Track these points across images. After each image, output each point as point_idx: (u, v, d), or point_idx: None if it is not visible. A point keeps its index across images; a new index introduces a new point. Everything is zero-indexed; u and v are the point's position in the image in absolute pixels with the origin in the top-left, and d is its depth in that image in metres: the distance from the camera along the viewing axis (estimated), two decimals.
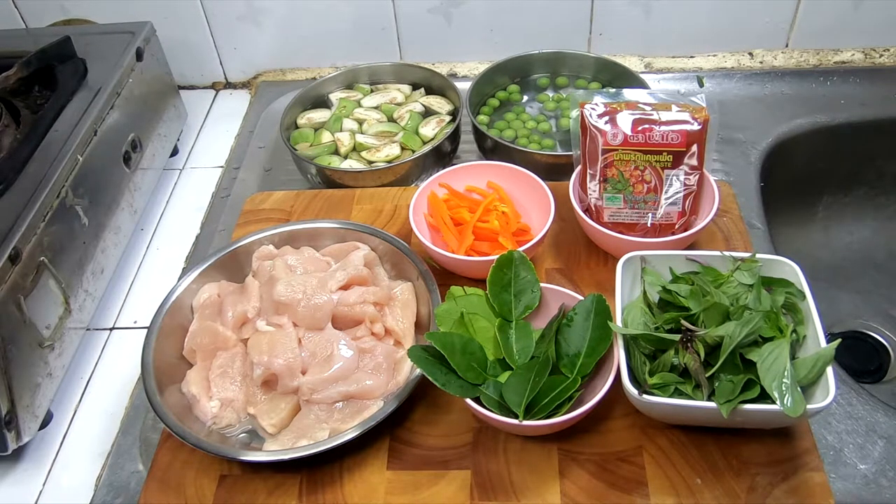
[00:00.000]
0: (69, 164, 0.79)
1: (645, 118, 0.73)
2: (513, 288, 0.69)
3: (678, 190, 0.74)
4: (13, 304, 0.69)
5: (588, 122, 0.75)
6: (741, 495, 0.61)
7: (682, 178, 0.74)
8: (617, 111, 0.74)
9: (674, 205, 0.74)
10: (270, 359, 0.68)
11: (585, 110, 0.75)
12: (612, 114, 0.74)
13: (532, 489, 0.63)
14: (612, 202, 0.75)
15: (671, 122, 0.73)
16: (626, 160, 0.73)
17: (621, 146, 0.73)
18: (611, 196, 0.75)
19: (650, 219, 0.75)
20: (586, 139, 0.75)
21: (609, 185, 0.74)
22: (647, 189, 0.74)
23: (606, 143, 0.73)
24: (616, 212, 0.76)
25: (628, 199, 0.74)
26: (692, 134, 0.72)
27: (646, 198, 0.74)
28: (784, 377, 0.57)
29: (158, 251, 0.95)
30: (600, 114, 0.74)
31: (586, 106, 0.76)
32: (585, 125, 0.75)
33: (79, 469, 0.73)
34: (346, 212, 0.89)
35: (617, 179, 0.74)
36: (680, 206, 0.75)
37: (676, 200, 0.74)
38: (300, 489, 0.65)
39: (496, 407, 0.62)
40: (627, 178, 0.73)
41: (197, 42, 1.15)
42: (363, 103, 1.05)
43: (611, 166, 0.74)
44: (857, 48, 1.08)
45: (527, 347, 0.67)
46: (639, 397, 0.59)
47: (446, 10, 1.09)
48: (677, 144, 0.72)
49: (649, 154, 0.73)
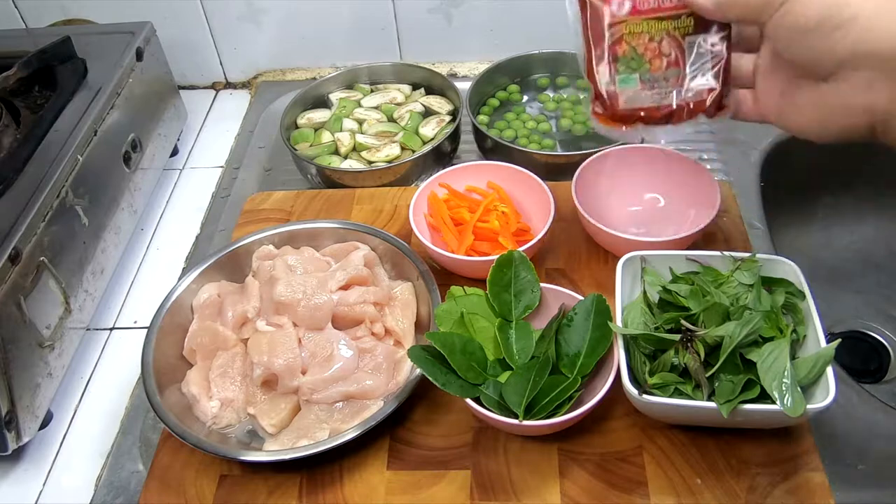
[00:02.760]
0: (69, 164, 0.79)
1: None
2: (513, 288, 0.69)
3: (705, 59, 0.61)
4: (13, 304, 0.69)
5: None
6: (741, 495, 0.61)
7: (709, 45, 0.61)
8: None
9: (702, 78, 0.62)
10: (270, 359, 0.68)
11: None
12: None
13: (532, 489, 0.63)
14: (627, 84, 0.62)
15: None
16: (637, 32, 0.60)
17: (629, 16, 0.60)
18: (624, 77, 0.62)
19: (674, 98, 0.63)
20: (586, 15, 0.62)
21: (621, 64, 0.62)
22: (668, 63, 0.61)
23: (612, 16, 0.61)
24: (633, 96, 0.62)
25: (645, 78, 0.62)
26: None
27: (666, 74, 0.61)
28: (784, 377, 0.57)
29: (158, 251, 0.95)
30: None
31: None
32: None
33: (79, 469, 0.73)
34: (346, 212, 0.89)
35: (629, 56, 0.61)
36: (710, 81, 0.62)
37: (704, 72, 0.62)
38: (300, 489, 0.65)
39: (496, 407, 0.62)
40: (642, 53, 0.61)
41: (197, 42, 1.15)
42: (363, 103, 1.05)
43: (620, 42, 0.61)
44: None
45: (527, 347, 0.67)
46: (639, 397, 0.59)
47: (446, 10, 1.09)
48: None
49: (664, 20, 0.60)
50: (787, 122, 0.57)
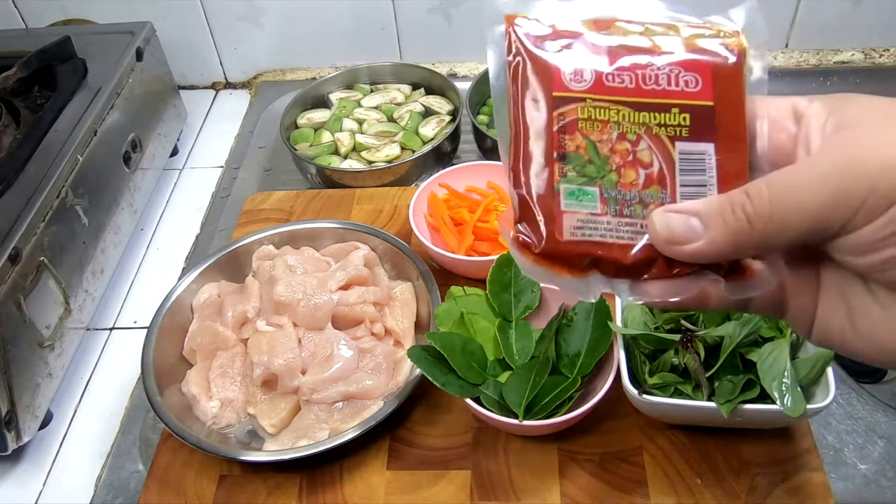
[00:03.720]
0: (69, 164, 0.79)
1: (632, 47, 0.37)
2: (513, 288, 0.69)
3: (709, 182, 0.36)
4: (13, 304, 0.69)
5: (521, 46, 0.37)
6: (741, 495, 0.61)
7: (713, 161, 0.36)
8: (577, 33, 0.37)
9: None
10: (270, 359, 0.68)
11: (516, 29, 0.37)
12: (567, 37, 0.37)
13: (532, 489, 0.63)
14: (578, 200, 0.36)
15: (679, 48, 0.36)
16: (600, 121, 0.36)
17: (590, 91, 0.36)
18: (575, 189, 0.36)
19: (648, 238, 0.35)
20: (520, 79, 0.37)
21: (570, 165, 0.36)
22: (646, 179, 0.36)
23: (561, 87, 0.36)
24: (586, 221, 0.36)
25: (609, 196, 0.36)
26: (723, 73, 0.36)
27: (643, 195, 0.36)
28: (784, 377, 0.57)
29: (158, 251, 0.95)
30: (542, 36, 0.37)
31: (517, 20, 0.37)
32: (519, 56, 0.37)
33: (79, 469, 0.73)
34: (346, 212, 0.89)
35: (585, 157, 0.36)
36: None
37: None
38: (300, 489, 0.65)
39: (496, 407, 0.62)
40: (606, 153, 0.36)
41: (197, 42, 1.15)
42: (363, 103, 1.05)
43: (572, 130, 0.36)
44: (857, 48, 1.08)
45: (527, 347, 0.67)
46: (639, 397, 0.59)
47: (446, 10, 1.09)
48: (696, 94, 0.36)
49: (646, 111, 0.36)
50: (858, 344, 0.33)
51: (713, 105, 0.36)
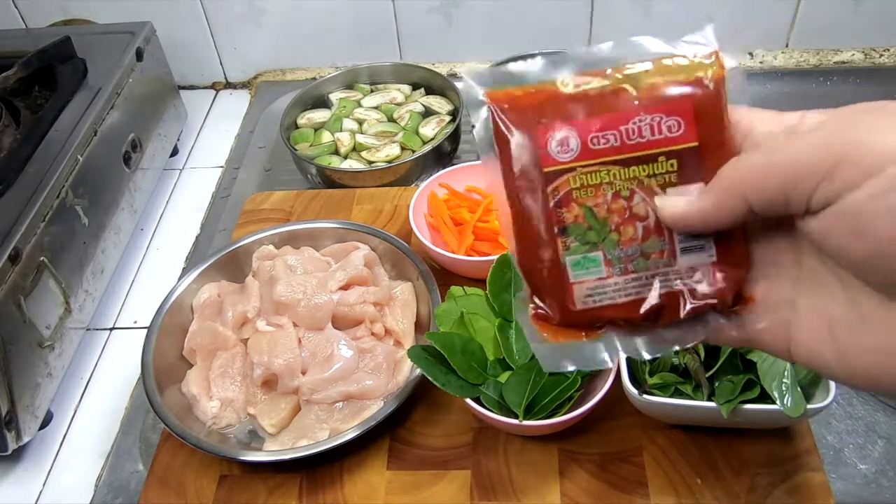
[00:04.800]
0: (69, 164, 0.79)
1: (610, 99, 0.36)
2: (513, 288, 0.69)
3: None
4: (13, 304, 0.69)
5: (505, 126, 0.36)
6: (741, 495, 0.61)
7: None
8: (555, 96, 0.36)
9: (702, 252, 0.37)
10: (270, 359, 0.68)
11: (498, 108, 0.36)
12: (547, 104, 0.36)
13: (532, 489, 0.63)
14: (585, 270, 0.37)
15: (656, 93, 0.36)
16: (593, 185, 0.36)
17: (578, 160, 0.36)
18: (580, 259, 0.37)
19: (660, 285, 0.37)
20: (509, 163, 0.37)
21: (572, 237, 0.37)
22: (644, 231, 0.37)
23: (549, 161, 0.36)
24: (596, 288, 0.37)
25: (613, 256, 0.37)
26: (704, 106, 0.36)
27: (644, 247, 0.37)
28: (784, 377, 0.57)
29: (158, 251, 0.95)
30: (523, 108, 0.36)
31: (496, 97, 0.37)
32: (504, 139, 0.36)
33: (79, 469, 0.73)
34: (346, 212, 0.89)
35: (585, 225, 0.37)
36: (714, 252, 0.37)
37: (705, 240, 0.37)
38: (300, 489, 0.65)
39: (496, 407, 0.62)
40: (604, 216, 0.37)
41: (197, 42, 1.15)
42: (363, 103, 1.05)
43: (568, 204, 0.37)
44: (857, 48, 1.08)
45: (527, 347, 0.67)
46: (639, 397, 0.59)
47: (446, 10, 1.09)
48: (680, 138, 0.36)
49: (634, 165, 0.36)
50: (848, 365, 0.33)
51: (698, 145, 0.35)
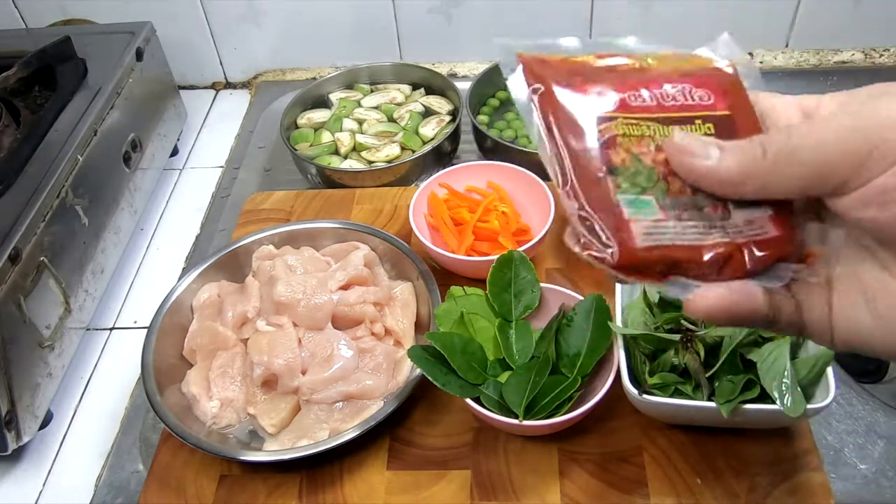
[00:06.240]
0: (69, 164, 0.79)
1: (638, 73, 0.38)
2: (513, 288, 0.69)
3: None
4: (13, 304, 0.69)
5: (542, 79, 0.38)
6: (741, 495, 0.61)
7: None
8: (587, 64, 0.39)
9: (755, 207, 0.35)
10: (270, 359, 0.68)
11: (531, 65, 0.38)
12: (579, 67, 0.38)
13: (532, 489, 0.63)
14: (640, 209, 0.36)
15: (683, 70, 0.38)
16: (635, 136, 0.36)
17: (619, 112, 0.37)
18: (634, 198, 0.36)
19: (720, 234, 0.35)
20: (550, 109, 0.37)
21: (621, 177, 0.36)
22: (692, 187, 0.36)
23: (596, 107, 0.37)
24: (655, 226, 0.35)
25: (665, 203, 0.36)
26: (728, 85, 0.38)
27: (695, 200, 0.36)
28: (784, 377, 0.57)
29: (158, 251, 0.95)
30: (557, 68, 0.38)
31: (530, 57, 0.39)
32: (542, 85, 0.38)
33: (79, 469, 0.73)
34: (346, 212, 0.89)
35: (632, 169, 0.36)
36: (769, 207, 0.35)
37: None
38: (300, 489, 0.65)
39: (496, 407, 0.62)
40: (650, 165, 0.36)
41: (197, 42, 1.15)
42: (363, 103, 1.05)
43: (613, 146, 0.36)
44: (857, 48, 1.08)
45: (527, 347, 0.67)
46: (639, 397, 0.59)
47: (446, 10, 1.09)
48: (712, 106, 0.37)
49: (672, 125, 0.37)
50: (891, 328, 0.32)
51: (730, 114, 0.37)
